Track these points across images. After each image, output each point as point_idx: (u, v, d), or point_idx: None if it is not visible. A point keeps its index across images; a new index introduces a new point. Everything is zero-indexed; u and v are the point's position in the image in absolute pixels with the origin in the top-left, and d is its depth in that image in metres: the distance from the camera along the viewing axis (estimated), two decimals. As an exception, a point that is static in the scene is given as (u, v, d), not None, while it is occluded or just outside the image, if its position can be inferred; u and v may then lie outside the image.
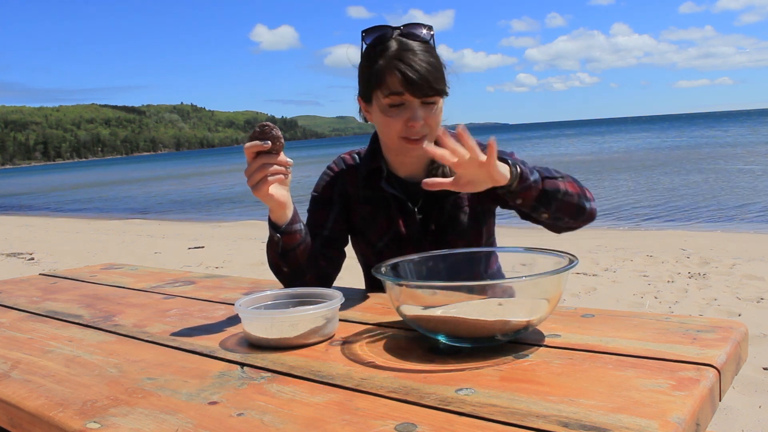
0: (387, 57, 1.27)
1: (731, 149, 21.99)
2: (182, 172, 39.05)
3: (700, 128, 52.28)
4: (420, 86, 1.25)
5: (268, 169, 1.14)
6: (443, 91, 1.30)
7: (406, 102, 1.28)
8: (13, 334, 1.20)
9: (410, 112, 1.28)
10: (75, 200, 21.55)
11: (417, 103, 1.28)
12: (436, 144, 1.19)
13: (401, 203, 1.41)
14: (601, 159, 22.13)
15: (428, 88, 1.26)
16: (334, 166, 1.49)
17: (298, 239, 1.28)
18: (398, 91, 1.26)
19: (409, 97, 1.27)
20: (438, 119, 1.31)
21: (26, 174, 79.00)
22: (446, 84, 1.32)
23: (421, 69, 1.25)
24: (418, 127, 1.28)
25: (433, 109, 1.29)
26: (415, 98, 1.27)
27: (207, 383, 0.86)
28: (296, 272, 1.31)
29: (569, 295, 4.10)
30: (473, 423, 0.68)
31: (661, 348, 0.87)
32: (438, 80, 1.27)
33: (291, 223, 1.27)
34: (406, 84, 1.25)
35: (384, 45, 1.29)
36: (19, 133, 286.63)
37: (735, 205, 9.27)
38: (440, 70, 1.29)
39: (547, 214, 1.21)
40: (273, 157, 1.14)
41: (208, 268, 5.95)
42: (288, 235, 1.27)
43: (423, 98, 1.27)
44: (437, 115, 1.31)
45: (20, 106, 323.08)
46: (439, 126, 1.32)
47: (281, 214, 1.26)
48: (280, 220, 1.27)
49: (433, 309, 0.91)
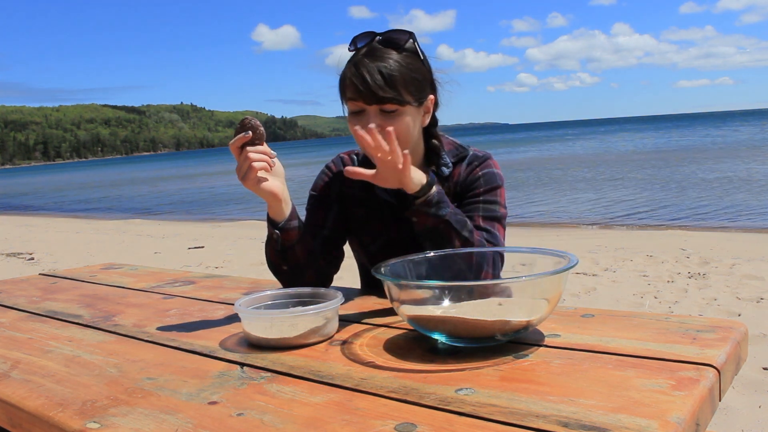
0: (349, 64, 1.26)
1: (745, 149, 21.90)
2: (182, 172, 39.05)
3: (706, 127, 52.18)
4: (368, 93, 1.21)
5: (251, 157, 1.16)
6: (401, 99, 1.23)
7: (365, 109, 1.24)
8: (13, 334, 1.20)
9: (366, 119, 1.23)
10: (75, 200, 21.55)
11: (373, 111, 1.23)
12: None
13: (395, 209, 1.39)
14: (607, 159, 22.14)
15: (378, 96, 1.20)
16: (333, 165, 1.48)
17: (296, 236, 1.28)
18: (352, 98, 1.24)
19: (362, 105, 1.24)
20: (401, 129, 1.24)
21: (26, 174, 78.99)
22: (416, 90, 1.26)
23: (372, 74, 1.20)
24: None
25: (392, 116, 1.23)
26: (367, 105, 1.23)
27: (207, 383, 0.86)
28: (295, 270, 1.31)
29: (569, 295, 4.10)
30: (473, 423, 0.68)
31: (661, 348, 0.87)
32: (392, 88, 1.21)
33: (289, 220, 1.27)
34: (355, 90, 1.22)
35: (356, 52, 1.27)
36: (19, 133, 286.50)
37: (735, 205, 9.27)
38: (405, 77, 1.23)
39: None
40: (256, 147, 1.17)
41: (208, 268, 5.95)
42: (286, 232, 1.27)
43: (376, 105, 1.22)
44: (399, 125, 1.24)
45: (20, 106, 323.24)
46: (405, 135, 1.26)
47: (278, 209, 1.25)
48: (278, 217, 1.26)
49: (433, 309, 0.91)
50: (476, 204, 1.33)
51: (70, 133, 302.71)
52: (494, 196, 1.34)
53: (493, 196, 1.34)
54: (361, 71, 1.22)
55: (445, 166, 1.36)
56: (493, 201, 1.33)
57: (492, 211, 1.32)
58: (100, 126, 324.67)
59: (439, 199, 1.19)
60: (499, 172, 1.37)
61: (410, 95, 1.25)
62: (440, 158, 1.37)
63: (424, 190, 1.18)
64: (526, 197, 11.85)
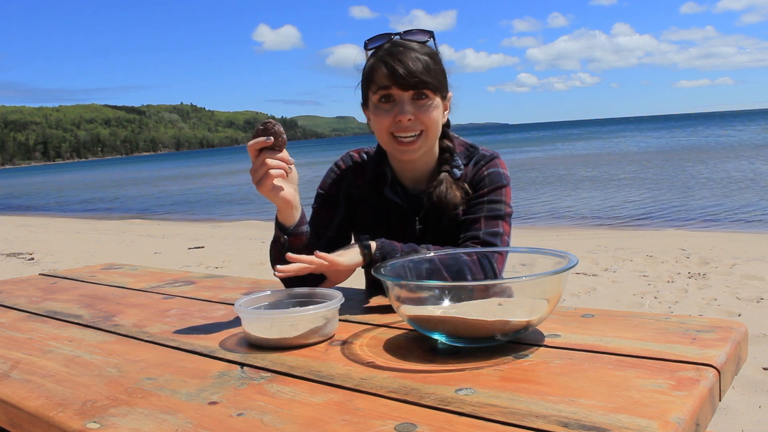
0: (377, 56, 1.27)
1: (749, 149, 21.84)
2: (182, 172, 39.04)
3: (709, 127, 52.04)
4: (405, 78, 1.22)
5: (269, 164, 1.15)
6: (435, 87, 1.26)
7: (395, 97, 1.26)
8: (13, 334, 1.20)
9: (399, 106, 1.25)
10: (75, 200, 21.55)
11: (406, 98, 1.25)
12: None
13: (403, 212, 1.39)
14: (609, 159, 22.13)
15: (415, 80, 1.23)
16: (342, 164, 1.47)
17: (303, 241, 1.28)
18: (385, 85, 1.25)
19: (396, 91, 1.25)
20: (432, 118, 1.27)
21: (26, 174, 78.96)
22: (442, 84, 1.29)
23: (407, 62, 1.23)
24: (405, 121, 1.25)
25: (425, 105, 1.26)
26: (403, 92, 1.25)
27: (207, 383, 0.86)
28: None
29: (569, 295, 4.10)
30: (473, 423, 0.68)
31: (661, 348, 0.87)
32: (428, 74, 1.24)
33: (298, 225, 1.27)
34: (391, 76, 1.23)
35: (379, 47, 1.29)
36: (19, 133, 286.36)
37: (735, 205, 9.27)
38: (434, 67, 1.27)
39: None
40: (275, 153, 1.15)
41: (208, 268, 5.95)
42: (294, 237, 1.27)
43: (411, 91, 1.25)
44: (431, 114, 1.27)
45: (20, 106, 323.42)
46: (435, 127, 1.29)
47: (288, 214, 1.25)
48: (287, 222, 1.26)
49: (433, 309, 0.91)
50: (481, 204, 1.33)
51: (70, 133, 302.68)
52: (499, 195, 1.34)
53: (498, 195, 1.34)
54: (396, 59, 1.24)
55: (457, 168, 1.37)
56: (497, 200, 1.33)
57: (496, 210, 1.32)
58: (100, 126, 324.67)
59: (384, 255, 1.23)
60: (504, 171, 1.37)
61: (438, 87, 1.28)
62: (452, 160, 1.37)
63: (367, 259, 1.23)
64: (530, 197, 11.85)
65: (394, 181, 1.40)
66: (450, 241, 1.37)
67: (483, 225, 1.31)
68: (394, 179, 1.40)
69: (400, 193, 1.39)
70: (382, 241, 1.24)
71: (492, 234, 1.30)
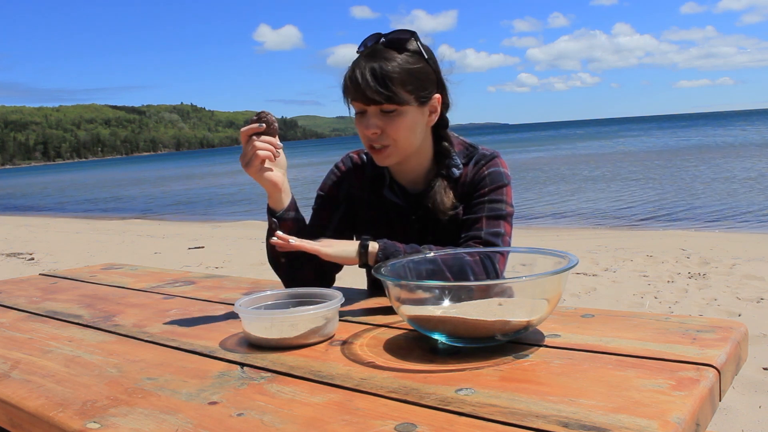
0: (351, 65, 1.27)
1: (754, 149, 21.82)
2: (183, 172, 39.05)
3: (712, 127, 51.89)
4: (365, 93, 1.21)
5: (258, 145, 1.20)
6: (399, 99, 1.22)
7: (366, 110, 1.25)
8: (13, 334, 1.20)
9: (366, 119, 1.25)
10: (75, 200, 21.55)
11: (371, 111, 1.24)
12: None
13: (402, 212, 1.39)
14: (611, 159, 22.13)
15: (374, 95, 1.21)
16: (342, 165, 1.47)
17: (293, 226, 1.30)
18: (353, 98, 1.26)
19: (361, 105, 1.25)
20: (399, 130, 1.25)
21: (26, 174, 78.97)
22: (417, 90, 1.25)
23: (365, 75, 1.21)
24: (370, 134, 1.25)
25: (392, 117, 1.24)
26: (364, 105, 1.24)
27: (207, 383, 0.86)
28: (294, 264, 1.31)
29: (569, 295, 4.10)
30: (473, 423, 0.68)
31: (661, 348, 0.87)
32: (387, 87, 1.20)
33: (287, 210, 1.29)
34: (354, 91, 1.23)
35: (359, 54, 1.28)
36: (19, 133, 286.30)
37: (735, 205, 9.27)
38: (403, 77, 1.22)
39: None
40: (263, 137, 1.22)
41: (208, 268, 5.95)
42: (284, 221, 1.29)
43: (371, 105, 1.23)
44: (398, 126, 1.25)
45: (20, 106, 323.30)
46: (405, 137, 1.27)
47: (278, 198, 1.28)
48: (276, 206, 1.29)
49: (433, 309, 0.91)
50: (482, 204, 1.33)
51: (71, 134, 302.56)
52: (500, 195, 1.34)
53: (498, 195, 1.34)
54: (356, 73, 1.23)
55: (456, 168, 1.36)
56: (498, 200, 1.33)
57: (497, 210, 1.32)
58: (100, 126, 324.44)
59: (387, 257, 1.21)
60: (505, 170, 1.37)
61: (409, 94, 1.24)
62: (450, 160, 1.37)
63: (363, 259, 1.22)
64: (531, 197, 11.85)
65: (392, 181, 1.40)
66: (450, 241, 1.37)
67: (484, 225, 1.31)
68: (392, 180, 1.40)
69: (398, 194, 1.39)
70: (384, 242, 1.24)
71: (494, 234, 1.30)
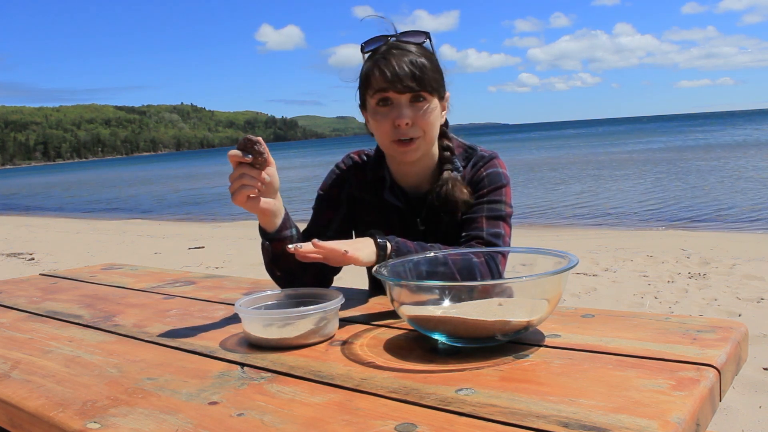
0: (374, 58, 1.27)
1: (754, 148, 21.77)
2: (183, 172, 39.03)
3: (713, 127, 51.72)
4: (401, 81, 1.22)
5: (244, 180, 1.14)
6: (431, 89, 1.26)
7: (393, 100, 1.26)
8: (13, 334, 1.20)
9: (397, 110, 1.25)
10: (75, 200, 21.55)
11: (403, 101, 1.25)
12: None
13: (403, 215, 1.39)
14: (612, 158, 22.12)
15: (412, 83, 1.23)
16: (343, 165, 1.47)
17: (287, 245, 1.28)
18: (381, 88, 1.25)
19: (393, 95, 1.25)
20: (429, 121, 1.27)
21: (26, 174, 78.95)
22: (439, 85, 1.29)
23: (403, 64, 1.23)
24: (404, 125, 1.25)
25: (422, 108, 1.26)
26: (400, 95, 1.25)
27: (207, 383, 0.86)
28: (289, 276, 1.31)
29: (569, 295, 4.10)
30: (473, 423, 0.68)
31: (661, 348, 0.87)
32: (424, 77, 1.24)
33: (280, 230, 1.26)
34: (387, 80, 1.23)
35: (375, 50, 1.29)
36: (19, 134, 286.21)
37: (735, 205, 9.27)
38: (431, 69, 1.26)
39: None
40: (252, 170, 1.14)
41: (208, 268, 5.95)
42: (277, 242, 1.26)
43: (407, 94, 1.25)
44: (428, 117, 1.27)
45: (20, 106, 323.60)
46: (433, 129, 1.29)
47: (269, 221, 1.24)
48: (268, 227, 1.26)
49: (433, 309, 0.91)
50: (481, 204, 1.33)
51: (71, 134, 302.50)
52: (499, 196, 1.34)
53: (497, 195, 1.34)
54: (392, 62, 1.23)
55: (456, 170, 1.37)
56: (497, 200, 1.33)
57: (497, 210, 1.32)
58: (100, 126, 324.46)
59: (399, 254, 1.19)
60: (504, 171, 1.37)
61: (435, 88, 1.27)
62: (452, 161, 1.37)
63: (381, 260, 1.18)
64: (532, 197, 11.85)
65: (393, 184, 1.40)
66: (450, 242, 1.37)
67: (485, 225, 1.31)
68: (392, 183, 1.40)
69: (399, 197, 1.39)
70: (396, 242, 1.22)
71: (494, 235, 1.30)
